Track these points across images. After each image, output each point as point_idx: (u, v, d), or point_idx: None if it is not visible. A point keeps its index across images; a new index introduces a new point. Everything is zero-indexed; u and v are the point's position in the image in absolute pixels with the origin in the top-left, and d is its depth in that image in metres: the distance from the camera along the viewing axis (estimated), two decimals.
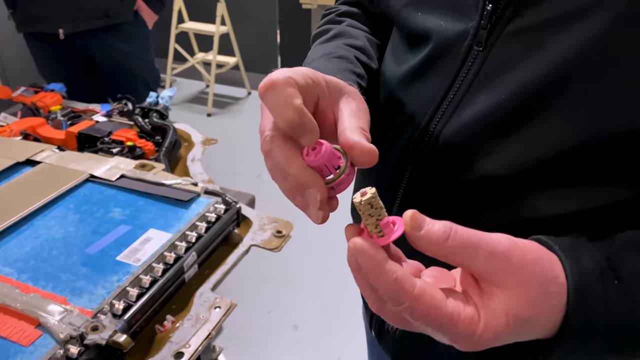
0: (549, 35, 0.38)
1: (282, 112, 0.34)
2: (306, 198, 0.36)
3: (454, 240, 0.32)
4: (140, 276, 0.74)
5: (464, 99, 0.44)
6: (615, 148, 0.37)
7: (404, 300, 0.31)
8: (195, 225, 0.87)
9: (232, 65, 4.03)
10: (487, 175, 0.43)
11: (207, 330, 0.72)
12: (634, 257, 0.35)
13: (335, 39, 0.56)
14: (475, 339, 0.32)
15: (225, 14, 3.74)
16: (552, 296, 0.33)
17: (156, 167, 1.03)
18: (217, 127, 3.64)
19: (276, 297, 1.97)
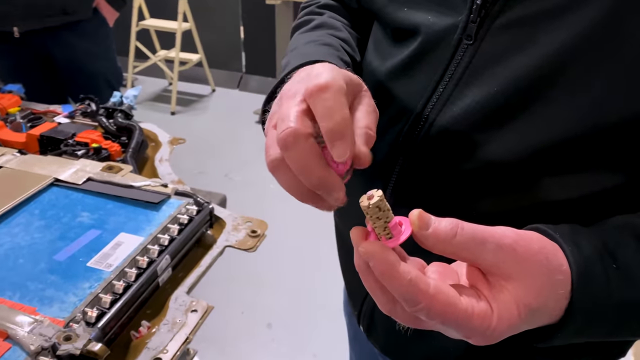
0: (539, 29, 0.39)
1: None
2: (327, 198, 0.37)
3: (461, 236, 0.32)
4: (113, 282, 0.72)
5: (454, 92, 0.44)
6: (607, 137, 0.38)
7: (420, 300, 0.31)
8: (167, 227, 0.85)
9: (195, 62, 3.97)
10: (480, 166, 0.43)
11: (185, 334, 0.70)
12: (627, 240, 0.37)
13: (318, 29, 0.56)
14: (490, 333, 0.32)
15: (187, 10, 3.67)
16: (558, 284, 0.34)
17: (124, 169, 1.01)
18: (181, 125, 3.58)
19: (249, 297, 1.95)
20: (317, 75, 0.35)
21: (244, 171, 2.98)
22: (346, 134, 0.34)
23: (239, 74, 4.40)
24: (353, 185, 0.59)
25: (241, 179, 2.89)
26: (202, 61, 4.04)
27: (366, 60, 0.56)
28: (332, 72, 0.36)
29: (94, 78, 1.90)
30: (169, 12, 3.89)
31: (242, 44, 4.29)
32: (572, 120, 0.38)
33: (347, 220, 0.64)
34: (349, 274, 0.66)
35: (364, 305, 0.61)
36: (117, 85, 2.00)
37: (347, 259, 0.67)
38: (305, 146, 0.34)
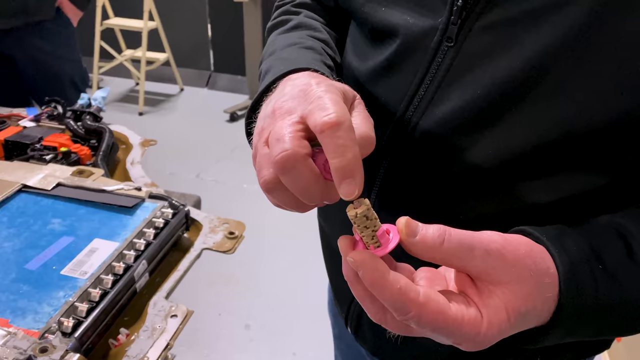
0: (520, 30, 0.38)
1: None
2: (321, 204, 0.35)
3: (449, 243, 0.32)
4: (89, 290, 0.71)
5: (436, 95, 0.44)
6: (589, 139, 0.38)
7: (410, 309, 0.31)
8: (143, 232, 0.83)
9: (162, 61, 3.90)
10: (464, 169, 0.43)
11: (165, 340, 0.69)
12: (612, 240, 0.37)
13: (296, 30, 0.55)
14: (480, 339, 0.32)
15: (152, 8, 3.61)
16: (546, 287, 0.34)
17: (95, 173, 0.98)
18: (150, 126, 3.52)
19: (225, 299, 1.93)
20: (322, 105, 0.33)
21: (216, 171, 2.95)
22: (356, 173, 0.32)
23: (207, 73, 4.35)
24: None
25: (213, 179, 2.86)
26: (170, 60, 3.97)
27: (345, 60, 0.55)
28: (336, 99, 0.34)
29: (58, 80, 1.85)
30: (133, 10, 3.82)
31: (209, 42, 4.24)
32: (554, 122, 0.38)
33: (332, 223, 0.64)
34: (335, 276, 0.66)
35: (352, 307, 0.60)
36: (83, 86, 1.94)
37: (332, 260, 0.66)
38: (304, 169, 0.33)
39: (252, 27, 3.57)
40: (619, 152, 0.39)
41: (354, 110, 0.38)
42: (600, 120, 0.37)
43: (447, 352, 0.53)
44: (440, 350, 0.53)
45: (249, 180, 2.86)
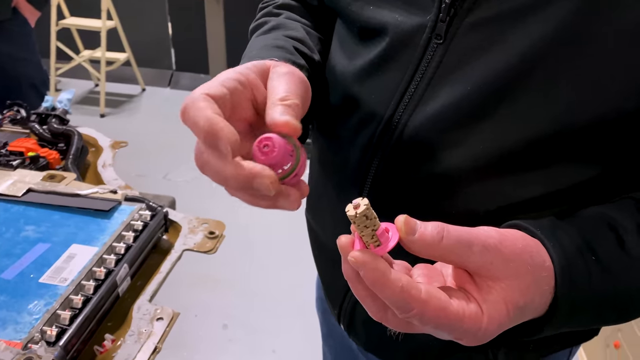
0: (509, 27, 0.39)
1: (195, 129, 0.34)
2: (258, 189, 0.34)
3: (448, 240, 0.32)
4: (71, 296, 0.69)
5: (426, 92, 0.44)
6: (578, 133, 0.39)
7: (413, 307, 0.31)
8: (122, 235, 0.81)
9: (122, 61, 3.81)
10: (455, 166, 0.43)
11: (153, 343, 0.68)
12: (603, 232, 0.38)
13: (273, 31, 0.54)
14: (481, 333, 0.33)
15: (111, 7, 3.52)
16: (542, 281, 0.35)
17: (67, 177, 0.95)
18: (113, 128, 3.44)
19: (200, 299, 1.91)
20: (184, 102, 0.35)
21: (184, 171, 2.91)
22: (215, 131, 0.33)
23: (169, 72, 4.27)
24: (327, 190, 0.58)
25: (182, 180, 2.82)
26: (130, 60, 3.88)
27: (333, 60, 0.55)
28: (199, 89, 0.36)
29: (16, 82, 1.79)
30: (91, 9, 3.71)
31: (170, 40, 4.17)
32: (543, 117, 0.39)
33: (321, 219, 0.63)
34: (325, 273, 0.66)
35: (344, 303, 0.61)
36: (44, 89, 1.89)
37: (321, 258, 0.66)
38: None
39: (215, 24, 3.52)
40: (608, 144, 0.40)
41: (269, 78, 0.40)
42: (587, 114, 0.38)
43: (440, 346, 0.53)
44: (434, 344, 0.54)
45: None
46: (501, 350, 0.51)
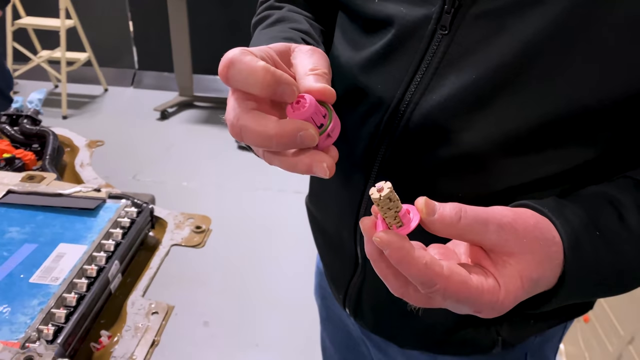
0: (512, 17, 0.41)
1: (251, 78, 0.34)
2: (301, 142, 0.34)
3: (466, 219, 0.34)
4: (64, 295, 0.68)
5: (432, 81, 0.45)
6: (579, 118, 0.41)
7: (437, 282, 0.33)
8: (110, 232, 0.81)
9: (83, 61, 3.72)
10: (460, 151, 0.45)
11: (151, 337, 0.68)
12: (605, 208, 0.41)
13: (278, 24, 0.55)
14: (499, 306, 0.35)
15: (69, 6, 3.43)
16: (553, 255, 0.37)
17: (47, 177, 0.94)
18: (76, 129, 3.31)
19: (179, 297, 1.90)
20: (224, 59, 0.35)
21: (153, 171, 2.87)
22: (277, 78, 0.33)
23: (132, 71, 4.20)
24: (333, 179, 0.59)
25: (151, 180, 2.78)
26: (91, 60, 3.80)
27: (337, 51, 0.56)
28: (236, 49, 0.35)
29: None
30: (48, 8, 3.61)
31: (132, 39, 4.09)
32: (545, 104, 0.41)
33: (324, 207, 0.64)
34: (330, 260, 0.67)
35: (349, 289, 0.62)
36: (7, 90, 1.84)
37: (325, 246, 0.67)
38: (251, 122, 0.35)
39: (178, 21, 3.48)
40: (607, 128, 0.42)
41: (294, 57, 0.40)
42: (587, 102, 0.40)
43: (446, 325, 0.56)
44: (442, 322, 0.56)
45: (189, 177, 2.81)
46: (504, 326, 0.54)
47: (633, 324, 1.29)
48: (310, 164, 0.36)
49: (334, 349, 0.84)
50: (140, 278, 0.80)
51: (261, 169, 2.88)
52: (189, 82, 3.71)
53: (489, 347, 0.56)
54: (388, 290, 0.37)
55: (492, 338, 0.55)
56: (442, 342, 0.58)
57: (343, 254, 0.61)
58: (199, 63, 3.74)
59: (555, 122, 0.42)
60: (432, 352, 0.61)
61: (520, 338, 0.57)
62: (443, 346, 0.59)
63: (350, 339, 0.76)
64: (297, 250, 2.15)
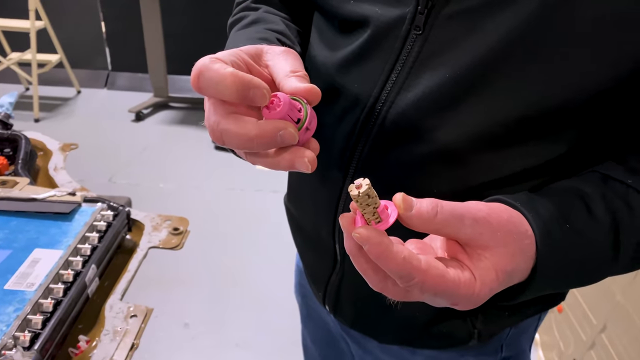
0: (484, 17, 0.42)
1: (221, 86, 0.34)
2: (282, 141, 0.35)
3: (442, 214, 0.35)
4: (40, 301, 0.68)
5: (407, 80, 0.46)
6: (549, 114, 0.42)
7: (415, 276, 0.33)
8: (86, 236, 0.81)
9: (55, 63, 3.65)
10: (435, 148, 0.46)
11: (130, 340, 0.68)
12: (574, 202, 0.42)
13: (254, 25, 0.55)
14: (475, 298, 0.36)
15: (39, 6, 3.36)
16: (526, 248, 0.38)
17: (20, 182, 0.93)
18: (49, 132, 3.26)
19: (158, 300, 1.89)
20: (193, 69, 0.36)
21: (129, 173, 2.84)
22: (247, 82, 0.34)
23: (105, 72, 4.13)
24: (310, 177, 0.60)
25: (128, 182, 2.75)
26: (63, 61, 3.72)
27: (313, 51, 0.56)
28: (205, 57, 0.36)
29: None
30: (16, 10, 3.53)
31: (104, 40, 4.03)
32: (516, 101, 0.42)
33: (302, 206, 0.65)
34: (309, 258, 0.68)
35: (328, 286, 0.63)
36: None
37: (304, 244, 0.68)
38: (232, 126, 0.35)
39: (151, 21, 3.44)
40: (575, 125, 0.44)
41: (267, 59, 0.41)
42: (556, 99, 0.41)
43: (424, 318, 0.57)
44: (419, 316, 0.57)
45: (165, 179, 2.78)
46: (479, 319, 0.55)
47: (605, 312, 1.33)
48: (292, 160, 0.37)
49: (314, 347, 0.85)
50: (118, 281, 0.80)
51: (239, 169, 2.87)
52: (164, 82, 3.68)
53: (466, 339, 0.57)
54: (367, 286, 0.38)
55: (469, 331, 0.56)
56: (420, 336, 0.59)
57: (322, 251, 0.61)
58: (173, 63, 3.71)
59: (527, 118, 0.43)
60: (410, 346, 0.62)
61: (496, 330, 0.59)
62: (421, 340, 0.60)
63: (330, 336, 0.77)
64: (276, 249, 2.15)
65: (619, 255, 0.42)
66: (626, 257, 0.42)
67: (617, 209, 0.42)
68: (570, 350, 1.50)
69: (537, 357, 1.68)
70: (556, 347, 1.59)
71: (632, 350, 1.22)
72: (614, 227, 0.41)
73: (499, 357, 0.62)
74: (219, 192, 2.69)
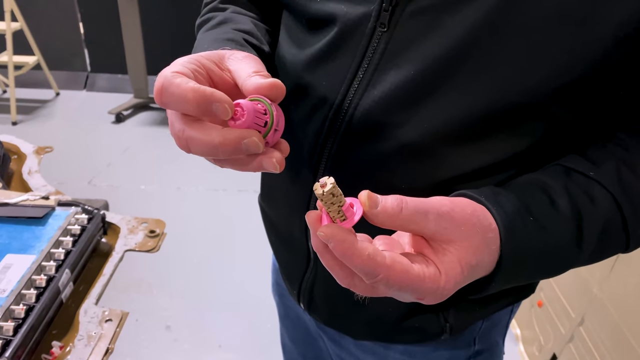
0: (446, 14, 0.42)
1: (183, 102, 0.35)
2: (247, 149, 0.36)
3: (407, 210, 0.35)
4: (12, 307, 0.67)
5: (373, 77, 0.46)
6: (512, 109, 0.43)
7: (379, 272, 0.34)
8: (60, 240, 0.79)
9: (32, 65, 3.60)
10: (404, 144, 0.46)
11: (105, 345, 0.68)
12: (537, 194, 0.43)
13: (221, 26, 0.54)
14: (440, 292, 0.36)
15: (14, 8, 3.30)
16: (490, 241, 0.39)
17: None
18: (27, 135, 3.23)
19: (139, 303, 1.87)
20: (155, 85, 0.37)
21: (109, 175, 2.81)
22: (208, 96, 0.35)
23: (84, 74, 4.08)
24: (281, 176, 0.60)
25: (108, 184, 2.72)
26: (40, 63, 3.67)
27: (282, 49, 0.56)
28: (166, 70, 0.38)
29: None
30: None
31: (83, 41, 3.98)
32: (480, 95, 0.43)
33: (275, 206, 0.65)
34: (283, 256, 0.68)
35: (303, 284, 0.63)
36: None
37: (278, 242, 0.68)
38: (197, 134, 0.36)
39: (130, 21, 3.40)
40: (537, 119, 0.44)
41: (228, 64, 0.42)
42: (517, 94, 0.42)
43: (397, 314, 0.57)
44: (390, 312, 0.57)
45: (147, 181, 2.76)
46: (450, 312, 0.56)
47: (582, 306, 1.35)
48: (259, 161, 0.38)
49: (293, 346, 0.85)
50: (93, 286, 0.79)
51: (221, 170, 2.86)
52: (144, 83, 3.64)
53: (438, 333, 0.58)
54: (338, 283, 0.38)
55: (440, 325, 0.57)
56: (393, 331, 0.59)
57: (295, 250, 0.61)
58: (153, 64, 3.67)
59: (490, 113, 0.43)
60: (384, 341, 0.62)
61: (467, 323, 0.59)
62: (393, 335, 0.60)
63: (308, 334, 0.77)
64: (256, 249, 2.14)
65: (582, 246, 0.42)
66: (589, 248, 0.43)
67: (580, 201, 0.42)
68: (550, 344, 1.52)
69: (517, 351, 1.70)
70: (536, 341, 1.61)
71: (608, 342, 1.25)
72: (577, 218, 0.42)
73: (472, 350, 0.63)
74: (200, 194, 2.68)
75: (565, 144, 0.47)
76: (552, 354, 1.51)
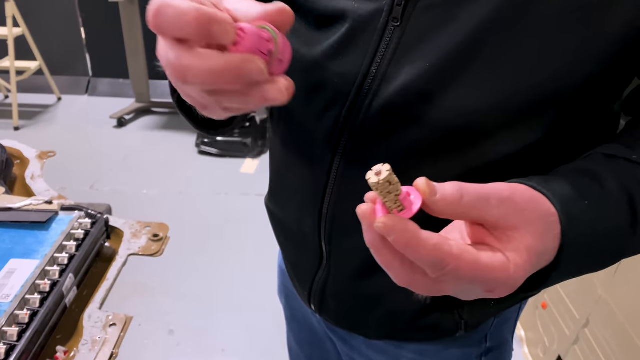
0: (459, 7, 0.42)
1: (183, 21, 0.31)
2: (249, 74, 0.32)
3: (468, 196, 0.33)
4: (16, 312, 0.67)
5: (387, 72, 0.46)
6: (529, 99, 0.43)
7: (448, 263, 0.31)
8: (64, 245, 0.79)
9: (34, 70, 3.61)
10: (418, 137, 0.46)
11: (109, 350, 0.67)
12: (585, 180, 0.41)
13: None
14: (511, 282, 0.34)
15: (16, 13, 3.32)
16: (551, 226, 0.37)
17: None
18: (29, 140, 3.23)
19: (142, 308, 1.87)
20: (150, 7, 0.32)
21: (111, 180, 2.81)
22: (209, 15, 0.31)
23: (86, 79, 4.10)
24: (291, 175, 0.60)
25: (110, 189, 2.72)
26: (42, 68, 3.68)
27: None
28: None
29: None
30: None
31: (84, 45, 4.00)
32: (495, 86, 0.43)
33: (284, 206, 0.64)
34: (295, 257, 0.67)
35: (314, 284, 0.62)
36: None
37: (287, 244, 0.67)
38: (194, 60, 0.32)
39: (131, 26, 3.41)
40: (552, 110, 0.44)
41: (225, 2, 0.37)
42: (528, 86, 0.42)
43: (410, 312, 0.57)
44: (404, 311, 0.57)
45: (148, 185, 2.76)
46: (465, 309, 0.56)
47: (587, 307, 1.34)
48: (264, 90, 0.34)
49: (299, 348, 0.84)
50: (97, 290, 0.79)
51: (223, 173, 2.86)
52: (145, 88, 3.65)
53: (453, 330, 0.57)
54: (353, 282, 0.37)
55: (456, 321, 0.56)
56: (407, 329, 0.59)
57: (307, 249, 0.61)
58: (154, 68, 3.69)
59: (504, 105, 0.43)
60: (397, 340, 0.62)
61: (481, 320, 0.59)
62: (408, 333, 0.60)
63: (315, 336, 0.76)
64: (259, 252, 2.15)
65: (637, 229, 0.41)
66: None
67: (631, 184, 0.41)
68: (555, 346, 1.51)
69: (522, 353, 1.70)
70: (541, 343, 1.61)
71: (614, 343, 1.24)
72: (629, 200, 0.41)
73: (484, 347, 0.63)
74: (203, 197, 2.68)
75: (578, 137, 0.47)
76: (557, 356, 1.50)
